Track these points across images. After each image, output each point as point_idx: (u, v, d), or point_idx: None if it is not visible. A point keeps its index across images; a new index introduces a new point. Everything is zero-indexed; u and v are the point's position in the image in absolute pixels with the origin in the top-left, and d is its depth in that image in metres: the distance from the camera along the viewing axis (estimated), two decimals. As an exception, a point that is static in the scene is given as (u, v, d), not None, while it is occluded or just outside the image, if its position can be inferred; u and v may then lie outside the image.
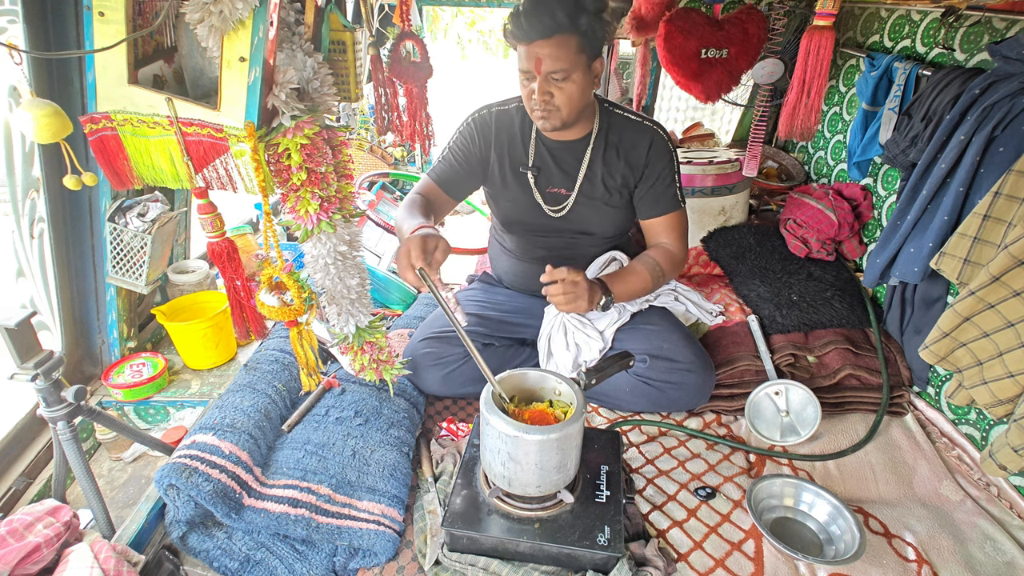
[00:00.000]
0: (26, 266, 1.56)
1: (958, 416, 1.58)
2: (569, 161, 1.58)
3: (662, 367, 1.56)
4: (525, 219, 1.66)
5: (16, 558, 0.95)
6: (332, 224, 1.20)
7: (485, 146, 1.61)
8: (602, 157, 1.56)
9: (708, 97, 2.32)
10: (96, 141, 1.06)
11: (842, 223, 2.04)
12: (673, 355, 1.56)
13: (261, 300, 1.18)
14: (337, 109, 3.21)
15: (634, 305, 1.67)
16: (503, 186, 1.63)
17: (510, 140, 1.59)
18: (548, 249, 1.70)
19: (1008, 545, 1.27)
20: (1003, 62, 1.32)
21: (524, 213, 1.65)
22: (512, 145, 1.60)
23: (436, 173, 1.65)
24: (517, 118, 1.60)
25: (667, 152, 1.56)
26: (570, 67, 1.34)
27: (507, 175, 1.62)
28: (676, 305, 1.77)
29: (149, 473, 1.52)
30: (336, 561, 1.21)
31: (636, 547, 1.21)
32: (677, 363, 1.56)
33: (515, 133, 1.59)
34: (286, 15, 1.11)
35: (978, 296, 1.22)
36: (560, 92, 1.38)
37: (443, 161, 1.65)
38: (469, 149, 1.61)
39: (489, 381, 1.20)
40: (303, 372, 1.33)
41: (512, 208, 1.66)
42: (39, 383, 1.05)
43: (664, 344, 1.58)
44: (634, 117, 1.57)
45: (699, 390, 1.57)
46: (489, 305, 1.80)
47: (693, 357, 1.56)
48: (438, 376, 1.64)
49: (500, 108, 1.61)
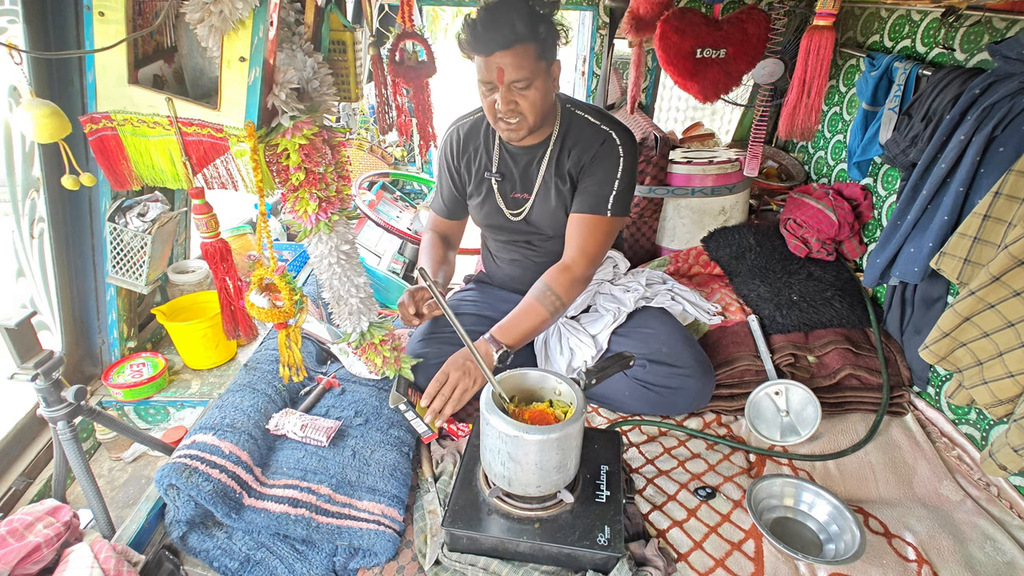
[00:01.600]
0: (26, 266, 1.56)
1: (958, 416, 1.58)
2: (529, 166, 1.60)
3: (661, 371, 1.55)
4: (492, 223, 1.72)
5: (16, 558, 0.95)
6: (330, 225, 1.20)
7: (457, 160, 1.68)
8: (557, 160, 1.57)
9: (705, 97, 2.32)
10: (96, 141, 1.06)
11: (842, 223, 2.04)
12: (672, 360, 1.55)
13: (251, 301, 1.18)
14: (337, 109, 3.22)
15: (630, 305, 1.67)
16: (476, 193, 1.69)
17: (476, 149, 1.65)
18: (517, 251, 1.76)
19: (1008, 545, 1.27)
20: (1003, 62, 1.32)
21: (491, 217, 1.70)
22: (478, 153, 1.65)
23: (434, 203, 1.81)
24: (482, 126, 1.65)
25: (616, 156, 1.51)
26: (532, 75, 1.36)
27: (476, 182, 1.68)
28: (673, 305, 1.76)
29: (149, 473, 1.52)
30: (336, 561, 1.21)
31: (636, 547, 1.21)
32: (676, 368, 1.55)
33: (480, 141, 1.65)
34: (286, 15, 1.11)
35: (978, 296, 1.22)
36: (524, 99, 1.40)
37: (436, 189, 1.79)
38: (448, 168, 1.71)
39: (489, 381, 1.20)
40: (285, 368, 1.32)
41: (480, 214, 1.72)
42: (39, 383, 1.05)
43: (663, 348, 1.57)
44: (594, 119, 1.55)
45: (699, 394, 1.57)
46: (485, 305, 1.81)
47: (693, 362, 1.55)
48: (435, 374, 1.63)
49: (466, 120, 1.68)
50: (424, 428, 1.45)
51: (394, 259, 2.68)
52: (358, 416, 1.46)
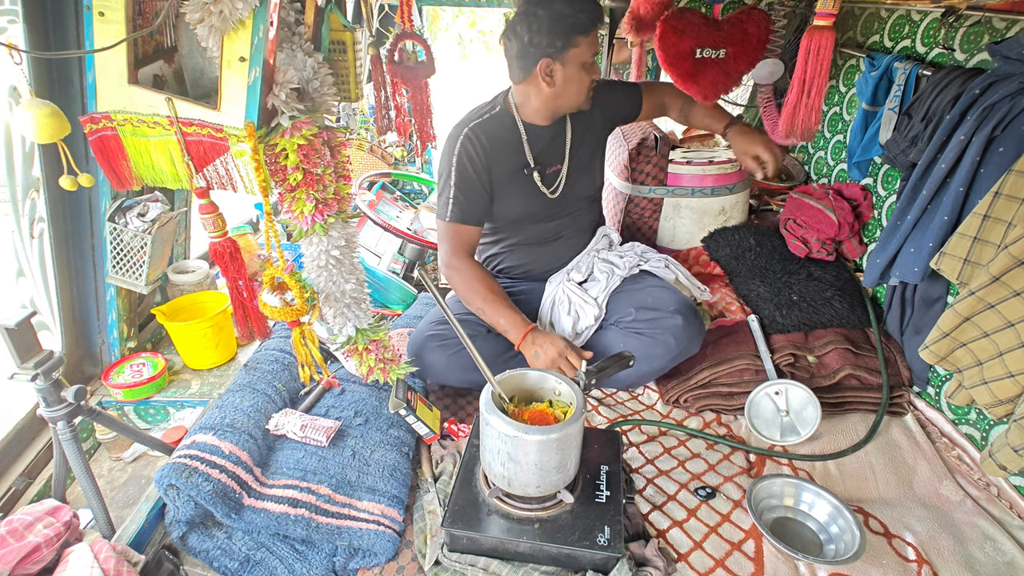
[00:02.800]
0: (26, 266, 1.56)
1: (958, 416, 1.58)
2: (555, 136, 1.68)
3: (649, 315, 1.65)
4: (530, 209, 1.72)
5: (16, 558, 0.95)
6: (324, 227, 1.20)
7: (483, 164, 1.61)
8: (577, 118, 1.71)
9: (705, 97, 2.31)
10: (96, 141, 1.06)
11: (842, 223, 2.04)
12: (657, 304, 1.66)
13: (264, 300, 1.18)
14: (337, 109, 3.21)
15: (624, 270, 1.76)
16: (507, 191, 1.67)
17: (503, 147, 1.63)
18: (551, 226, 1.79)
19: (1008, 545, 1.27)
20: (1003, 62, 1.32)
21: (530, 204, 1.71)
22: (507, 151, 1.63)
23: (457, 215, 1.63)
24: (500, 125, 1.63)
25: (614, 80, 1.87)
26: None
27: (511, 180, 1.65)
28: (667, 272, 1.82)
29: (149, 473, 1.52)
30: (336, 561, 1.21)
31: (636, 547, 1.21)
32: (662, 311, 1.64)
33: (506, 139, 1.63)
34: (286, 15, 1.11)
35: (978, 296, 1.22)
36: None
37: (454, 201, 1.62)
38: (470, 177, 1.61)
39: (489, 381, 1.20)
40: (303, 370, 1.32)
41: (514, 206, 1.70)
42: (39, 383, 1.05)
43: (649, 298, 1.68)
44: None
45: (686, 332, 1.61)
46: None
47: (676, 303, 1.65)
48: (442, 358, 1.64)
49: (478, 122, 1.63)
50: (426, 430, 1.45)
51: (394, 259, 2.68)
52: (358, 416, 1.46)
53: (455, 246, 1.65)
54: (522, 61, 1.52)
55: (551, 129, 1.67)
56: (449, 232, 1.65)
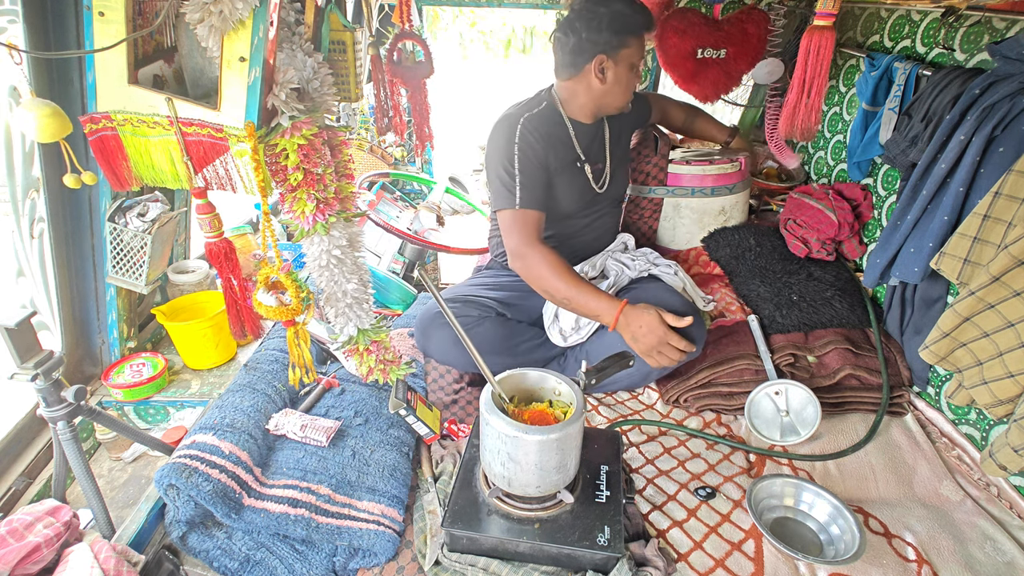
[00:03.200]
0: (26, 266, 1.56)
1: (958, 416, 1.58)
2: (596, 137, 1.75)
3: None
4: (583, 200, 1.76)
5: (16, 558, 0.95)
6: (326, 227, 1.20)
7: (544, 152, 1.61)
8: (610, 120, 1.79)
9: (706, 98, 2.32)
10: (96, 141, 1.06)
11: (842, 223, 2.04)
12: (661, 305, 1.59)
13: (258, 300, 1.18)
14: (337, 109, 3.21)
15: (634, 272, 1.78)
16: (560, 181, 1.69)
17: (555, 141, 1.66)
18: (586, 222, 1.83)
19: (1008, 545, 1.27)
20: (1003, 62, 1.32)
21: (584, 196, 1.75)
22: (558, 145, 1.66)
23: (527, 200, 1.57)
24: (548, 120, 1.65)
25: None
26: None
27: (563, 171, 1.68)
28: (675, 280, 1.82)
29: (149, 473, 1.52)
30: (336, 561, 1.21)
31: (636, 547, 1.21)
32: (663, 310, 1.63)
33: (555, 133, 1.66)
34: (286, 15, 1.11)
35: (978, 296, 1.22)
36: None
37: (522, 187, 1.57)
38: (533, 161, 1.59)
39: (489, 381, 1.20)
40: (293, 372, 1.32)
41: (568, 197, 1.73)
42: (39, 383, 1.05)
43: (653, 299, 1.65)
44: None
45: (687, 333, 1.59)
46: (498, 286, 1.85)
47: (680, 304, 1.64)
48: (446, 338, 1.64)
49: (529, 114, 1.63)
50: (426, 430, 1.45)
51: (394, 259, 2.67)
52: (358, 416, 1.46)
53: (528, 234, 1.56)
54: (576, 57, 1.56)
55: (593, 127, 1.73)
56: (518, 220, 1.57)
